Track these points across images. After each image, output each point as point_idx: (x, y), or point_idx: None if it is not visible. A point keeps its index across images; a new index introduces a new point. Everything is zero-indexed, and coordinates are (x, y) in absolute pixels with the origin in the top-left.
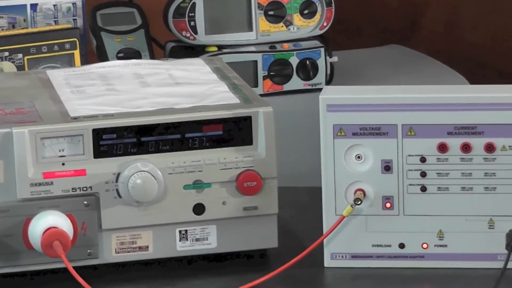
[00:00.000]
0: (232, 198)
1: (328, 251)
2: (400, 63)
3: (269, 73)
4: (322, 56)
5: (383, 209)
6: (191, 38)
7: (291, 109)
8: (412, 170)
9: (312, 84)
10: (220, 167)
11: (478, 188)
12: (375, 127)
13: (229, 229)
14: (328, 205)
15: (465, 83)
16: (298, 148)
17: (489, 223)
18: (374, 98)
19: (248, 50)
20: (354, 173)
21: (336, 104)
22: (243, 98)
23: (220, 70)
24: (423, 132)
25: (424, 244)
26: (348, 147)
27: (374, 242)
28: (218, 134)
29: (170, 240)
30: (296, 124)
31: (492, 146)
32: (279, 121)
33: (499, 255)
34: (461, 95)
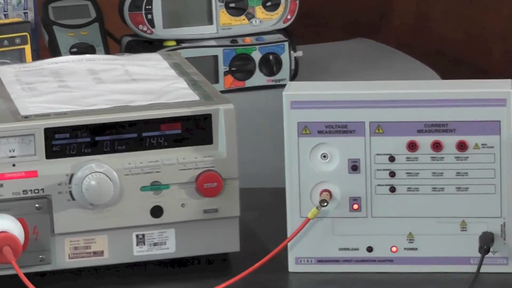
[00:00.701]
0: (192, 200)
1: (293, 255)
2: (368, 57)
3: (231, 69)
4: (286, 50)
5: (350, 211)
6: (148, 32)
7: (253, 106)
8: (381, 169)
9: (276, 80)
10: (179, 168)
11: (449, 188)
12: (342, 124)
13: (189, 233)
14: (292, 207)
15: (436, 78)
16: (261, 147)
17: (461, 225)
18: (340, 95)
19: (208, 44)
20: (320, 173)
21: (301, 101)
22: (203, 95)
23: (179, 65)
24: (392, 130)
25: (393, 247)
26: (313, 146)
27: (341, 246)
28: (176, 133)
29: (126, 245)
30: (258, 122)
31: (464, 144)
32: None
33: (472, 258)
34: (432, 90)
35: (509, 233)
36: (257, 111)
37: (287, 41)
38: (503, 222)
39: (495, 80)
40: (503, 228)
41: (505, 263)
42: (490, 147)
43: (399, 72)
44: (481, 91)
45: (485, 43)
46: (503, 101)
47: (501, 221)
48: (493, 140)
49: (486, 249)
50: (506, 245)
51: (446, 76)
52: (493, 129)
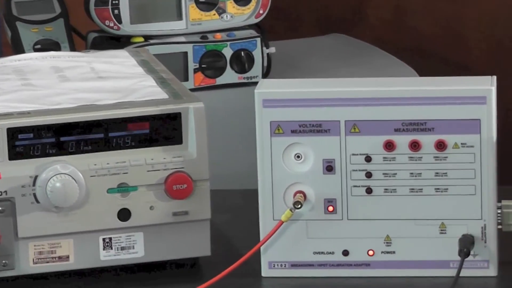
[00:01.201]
0: (161, 203)
1: (266, 260)
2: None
3: (201, 66)
4: (258, 46)
5: (325, 213)
6: (115, 27)
7: (224, 105)
8: (357, 170)
9: (247, 77)
10: (147, 169)
11: (428, 189)
12: (316, 123)
13: (158, 237)
14: (265, 209)
15: (414, 75)
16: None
17: (440, 227)
18: (314, 92)
19: (177, 40)
20: (293, 174)
21: (273, 99)
22: (172, 93)
23: (147, 62)
24: (368, 129)
25: (370, 251)
26: (286, 145)
27: (316, 249)
28: (144, 133)
29: (92, 249)
30: (230, 121)
31: (443, 143)
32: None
33: (452, 262)
34: (410, 88)
35: (489, 236)
36: (228, 110)
37: (259, 37)
38: (484, 224)
39: (475, 77)
40: (484, 231)
41: (485, 267)
42: (470, 147)
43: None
44: (460, 89)
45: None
46: (483, 99)
47: (481, 223)
48: (473, 139)
49: (466, 252)
50: (486, 248)
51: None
52: (473, 128)
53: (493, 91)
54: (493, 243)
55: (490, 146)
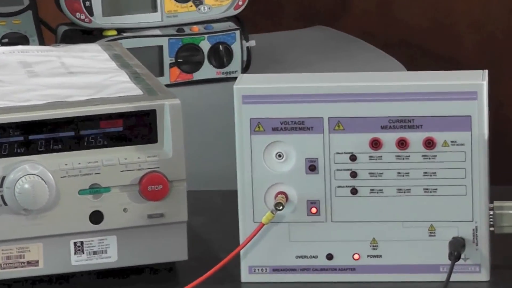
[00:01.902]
0: (135, 204)
1: (246, 264)
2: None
3: (177, 60)
4: (237, 40)
5: (308, 215)
6: (86, 20)
7: (202, 101)
8: (341, 170)
9: (226, 72)
10: (121, 169)
11: (416, 189)
12: (298, 121)
13: (132, 240)
14: (245, 211)
15: (401, 70)
16: (210, 146)
17: (429, 229)
18: (297, 88)
19: (152, 33)
20: (275, 174)
21: (253, 95)
22: (147, 89)
23: (120, 57)
24: (353, 126)
25: (356, 254)
26: (267, 144)
27: (298, 253)
28: (117, 131)
29: (63, 254)
30: (207, 119)
31: (432, 141)
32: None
33: (442, 266)
34: (397, 83)
35: (481, 238)
36: (205, 107)
37: (239, 30)
38: (475, 226)
39: (465, 72)
40: (475, 233)
41: (477, 271)
42: (460, 145)
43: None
44: (450, 84)
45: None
46: (474, 94)
47: (472, 225)
48: (464, 137)
49: (457, 255)
50: (478, 251)
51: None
52: (463, 125)
53: (484, 86)
54: (485, 246)
55: (482, 144)
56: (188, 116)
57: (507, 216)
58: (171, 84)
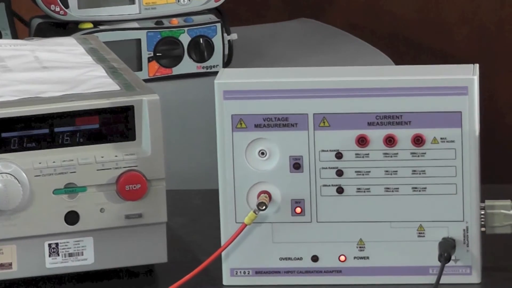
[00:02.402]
0: (112, 204)
1: (227, 266)
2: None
3: (155, 54)
4: (218, 33)
5: (292, 215)
6: (61, 12)
7: (181, 97)
8: (326, 168)
9: (207, 66)
10: (97, 168)
11: (404, 188)
12: (282, 117)
13: (109, 242)
14: (226, 212)
15: (389, 64)
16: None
17: (418, 230)
18: (280, 83)
19: (129, 26)
20: (257, 172)
21: (235, 90)
22: (124, 84)
23: (96, 51)
24: (339, 122)
25: (342, 256)
26: (249, 141)
27: (282, 255)
28: (94, 128)
29: (37, 256)
30: (187, 115)
31: (421, 138)
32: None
33: (431, 268)
34: (385, 78)
35: (472, 239)
36: (185, 102)
37: (220, 22)
38: (466, 226)
39: (455, 66)
40: (466, 233)
41: (468, 273)
42: (450, 142)
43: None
44: (440, 78)
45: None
46: (465, 89)
47: (463, 225)
48: (454, 134)
49: (447, 257)
50: (469, 253)
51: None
52: (453, 121)
53: (475, 80)
54: (476, 247)
55: (472, 141)
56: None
57: (499, 216)
58: (150, 79)
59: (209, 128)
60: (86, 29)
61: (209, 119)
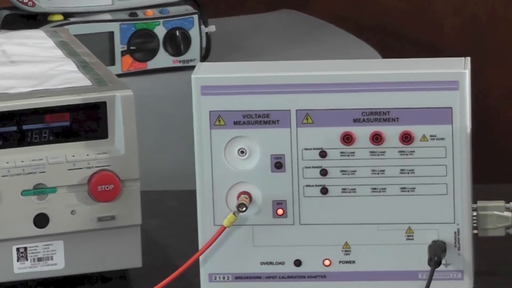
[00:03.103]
0: (83, 206)
1: (205, 271)
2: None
3: (129, 48)
4: (195, 25)
5: (274, 217)
6: (29, 4)
7: (156, 93)
8: (310, 167)
9: (184, 60)
10: (68, 167)
11: (392, 189)
12: (263, 114)
13: (80, 246)
14: (204, 213)
15: (376, 57)
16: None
17: (407, 233)
18: (261, 77)
19: (102, 18)
20: (237, 172)
21: (213, 86)
22: (96, 79)
23: (67, 44)
24: (323, 119)
25: (326, 260)
26: (228, 139)
27: (263, 259)
28: (64, 126)
29: (5, 261)
30: (163, 112)
31: (409, 136)
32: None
33: (420, 272)
34: (371, 72)
35: (464, 242)
36: (161, 98)
37: (197, 14)
38: (457, 228)
39: (446, 59)
40: (457, 236)
41: (459, 278)
42: (440, 139)
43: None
44: (429, 72)
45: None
46: (456, 84)
47: (454, 227)
48: (444, 131)
49: (437, 261)
50: (460, 256)
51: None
52: (443, 118)
53: (466, 74)
54: (467, 251)
55: (464, 138)
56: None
57: (492, 217)
58: (123, 73)
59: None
60: (56, 21)
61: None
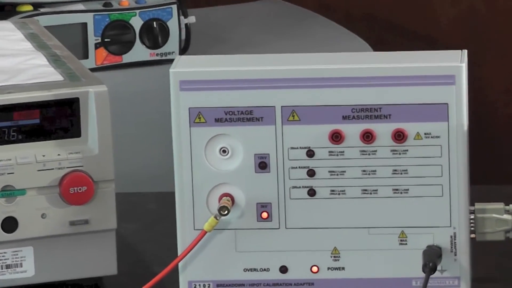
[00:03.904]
0: (55, 209)
1: (185, 279)
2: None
3: (103, 40)
4: (174, 16)
5: (258, 220)
6: None
7: (133, 88)
8: (296, 167)
9: (162, 53)
10: (38, 168)
11: (384, 190)
12: (246, 110)
13: (51, 252)
14: (184, 217)
15: (366, 50)
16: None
17: (400, 237)
18: (244, 72)
19: (74, 9)
20: (219, 172)
21: (193, 80)
22: (68, 74)
23: (37, 36)
24: (310, 116)
25: (314, 267)
26: (209, 137)
27: (247, 266)
28: (34, 123)
29: None
30: (139, 108)
31: (402, 134)
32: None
33: (414, 279)
34: (361, 66)
35: (460, 247)
36: (137, 94)
37: (176, 4)
38: (453, 232)
39: (441, 52)
40: (453, 240)
41: (456, 285)
42: (436, 137)
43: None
44: (423, 66)
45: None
46: (452, 78)
47: (450, 231)
48: (439, 128)
49: (432, 267)
50: (457, 262)
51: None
52: (439, 114)
53: (463, 68)
54: (465, 256)
55: (460, 136)
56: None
57: (490, 220)
58: (97, 67)
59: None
60: (25, 12)
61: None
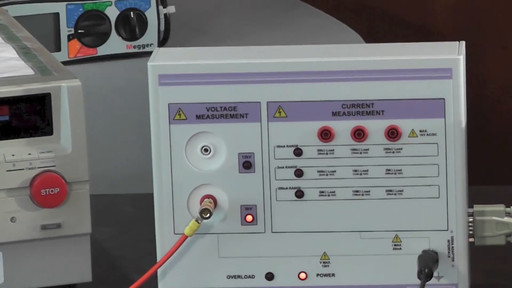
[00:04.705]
0: (25, 213)
1: (165, 286)
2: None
3: (77, 31)
4: (152, 5)
5: (242, 224)
6: None
7: (108, 82)
8: (283, 167)
9: (139, 45)
10: (7, 168)
11: (377, 191)
12: (229, 106)
13: (22, 258)
14: (163, 220)
15: (358, 41)
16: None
17: (394, 241)
18: (227, 65)
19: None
20: (200, 173)
21: (173, 74)
22: (39, 67)
23: (5, 27)
24: (298, 112)
25: (302, 273)
26: (190, 135)
27: (231, 272)
28: (2, 120)
29: None
30: (116, 104)
31: (396, 131)
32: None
33: (409, 286)
34: (352, 58)
35: (458, 252)
36: (113, 89)
37: None
38: (451, 236)
39: (437, 43)
40: (451, 245)
41: None
42: (432, 135)
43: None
44: (418, 59)
45: None
46: (449, 72)
47: (447, 235)
48: (436, 125)
49: (428, 273)
50: (454, 268)
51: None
52: (435, 110)
53: (461, 61)
54: (463, 261)
55: (458, 133)
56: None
57: (490, 223)
58: (70, 60)
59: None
60: None
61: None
